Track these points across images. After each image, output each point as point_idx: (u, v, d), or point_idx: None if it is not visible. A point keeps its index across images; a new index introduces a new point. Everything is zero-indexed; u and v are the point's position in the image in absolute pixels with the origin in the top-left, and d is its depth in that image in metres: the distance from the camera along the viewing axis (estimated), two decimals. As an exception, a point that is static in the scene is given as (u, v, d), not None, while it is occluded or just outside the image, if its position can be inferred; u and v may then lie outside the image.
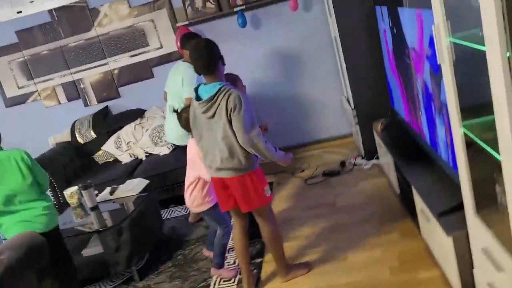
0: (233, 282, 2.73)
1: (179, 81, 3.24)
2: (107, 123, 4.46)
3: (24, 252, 1.86)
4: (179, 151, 4.04)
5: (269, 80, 4.38)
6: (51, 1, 4.36)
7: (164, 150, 4.16)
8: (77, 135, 4.45)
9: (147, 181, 3.40)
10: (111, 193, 3.34)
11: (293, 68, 4.34)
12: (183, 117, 2.57)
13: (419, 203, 2.36)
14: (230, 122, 2.21)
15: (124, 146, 4.30)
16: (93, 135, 4.42)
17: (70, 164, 4.26)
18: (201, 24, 4.28)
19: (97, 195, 3.29)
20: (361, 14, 3.39)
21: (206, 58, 2.25)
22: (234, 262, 2.89)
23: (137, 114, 4.44)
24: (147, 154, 4.24)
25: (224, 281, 2.76)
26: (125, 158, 4.28)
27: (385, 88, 3.34)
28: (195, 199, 2.68)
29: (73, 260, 2.67)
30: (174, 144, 3.78)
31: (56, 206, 3.76)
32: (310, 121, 4.47)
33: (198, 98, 2.31)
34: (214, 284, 2.77)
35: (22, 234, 2.01)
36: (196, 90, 2.34)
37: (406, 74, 2.62)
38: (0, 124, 4.75)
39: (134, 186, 3.32)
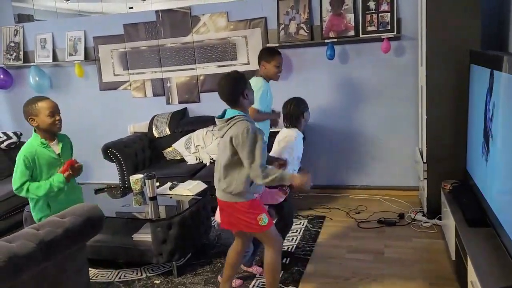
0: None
1: None
2: (182, 124, 4.70)
3: (83, 220, 2.03)
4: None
5: (344, 114, 4.38)
6: (160, 2, 4.75)
7: (228, 160, 4.29)
8: (153, 129, 4.74)
9: (205, 185, 3.53)
10: (171, 188, 3.50)
11: (371, 108, 4.30)
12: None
13: (472, 275, 2.22)
14: (232, 149, 2.33)
15: (193, 148, 4.49)
16: (168, 131, 4.67)
17: (141, 153, 4.54)
18: (290, 49, 4.41)
19: (158, 187, 3.46)
20: (453, 69, 3.31)
21: (227, 91, 2.41)
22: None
23: (211, 121, 4.57)
24: (212, 161, 4.40)
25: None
26: (190, 159, 4.47)
27: (463, 148, 3.20)
28: None
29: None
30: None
31: (121, 189, 4.01)
32: (377, 165, 4.39)
33: (221, 116, 2.46)
34: (245, 300, 2.79)
35: (86, 205, 2.18)
36: (224, 112, 2.47)
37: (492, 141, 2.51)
38: (92, 104, 5.20)
39: (192, 187, 3.45)
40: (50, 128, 2.62)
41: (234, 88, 2.39)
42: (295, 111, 2.91)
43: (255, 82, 3.19)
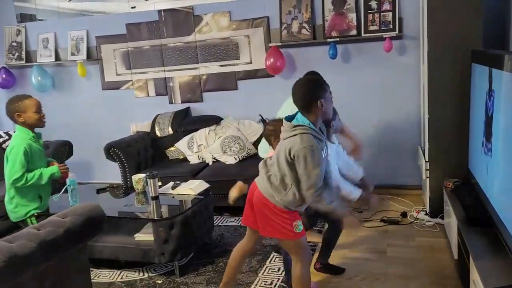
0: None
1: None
2: (185, 123, 4.70)
3: (84, 220, 2.03)
4: (244, 164, 4.16)
5: (346, 113, 4.31)
6: (162, 2, 4.75)
7: (230, 160, 4.30)
8: (156, 128, 4.74)
9: (207, 185, 3.53)
10: (173, 188, 3.51)
11: (373, 107, 4.29)
12: (266, 128, 2.55)
13: (474, 274, 2.22)
14: (287, 161, 2.15)
15: (195, 147, 4.50)
16: (170, 131, 4.68)
17: (143, 153, 4.55)
18: (292, 48, 4.40)
19: (160, 186, 3.47)
20: (455, 68, 3.29)
21: (304, 95, 2.19)
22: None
23: (213, 120, 4.63)
24: (214, 160, 4.40)
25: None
26: (193, 159, 4.47)
27: (465, 147, 3.19)
28: None
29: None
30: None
31: (123, 188, 4.02)
32: (379, 164, 4.37)
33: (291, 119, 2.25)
34: (247, 299, 2.79)
35: (87, 204, 2.19)
36: (296, 113, 2.26)
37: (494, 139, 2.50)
38: (95, 103, 5.22)
39: (194, 187, 3.45)
40: (37, 123, 2.82)
41: (309, 93, 2.17)
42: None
43: None
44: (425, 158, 3.61)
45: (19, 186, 2.77)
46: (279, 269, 3.07)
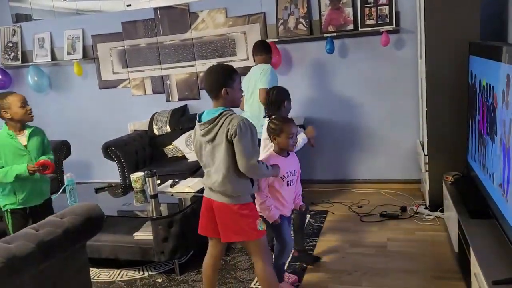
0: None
1: (258, 73, 3.55)
2: (183, 121, 4.69)
3: (83, 220, 2.02)
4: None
5: (344, 108, 4.36)
6: (158, 0, 4.73)
7: (229, 157, 4.28)
8: (154, 126, 4.73)
9: (206, 182, 3.51)
10: (172, 186, 3.50)
11: (371, 101, 4.28)
12: (269, 125, 2.57)
13: (475, 267, 2.21)
14: (230, 146, 2.19)
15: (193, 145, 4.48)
16: (168, 129, 4.66)
17: (141, 151, 4.54)
18: (289, 44, 4.39)
19: (159, 185, 3.46)
20: (453, 61, 3.28)
21: (210, 82, 2.30)
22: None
23: (211, 117, 4.61)
24: (213, 157, 4.38)
25: (257, 296, 2.77)
26: (191, 157, 4.46)
27: (464, 140, 3.18)
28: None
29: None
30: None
31: (122, 187, 4.01)
32: (378, 158, 4.37)
33: (199, 120, 2.32)
34: (248, 296, 2.79)
35: (86, 204, 2.17)
36: (200, 114, 2.35)
37: (492, 131, 2.49)
38: (92, 102, 5.20)
39: (193, 185, 3.44)
40: (24, 118, 2.80)
41: (217, 78, 2.28)
42: (276, 100, 2.80)
43: (266, 66, 3.55)
44: (424, 152, 3.60)
45: None
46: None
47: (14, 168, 2.75)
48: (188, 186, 3.42)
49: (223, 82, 2.27)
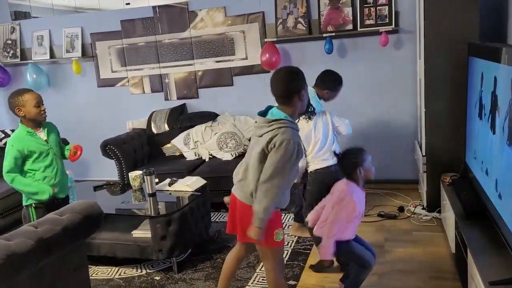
0: (264, 298, 2.73)
1: None
2: (181, 120, 4.69)
3: (82, 218, 2.02)
4: (241, 160, 4.14)
5: (342, 108, 4.33)
6: (157, -2, 4.73)
7: (227, 156, 4.29)
8: (152, 125, 4.73)
9: (204, 181, 3.52)
10: (170, 184, 3.50)
11: (369, 101, 4.29)
12: None
13: (472, 268, 2.22)
14: (264, 154, 2.06)
15: (192, 144, 4.48)
16: (166, 127, 4.66)
17: (140, 150, 4.53)
18: (288, 43, 4.39)
19: (157, 183, 3.46)
20: (452, 62, 3.29)
21: (284, 87, 2.10)
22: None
23: (210, 116, 4.62)
24: (211, 156, 4.39)
25: (255, 294, 2.77)
26: (189, 155, 4.46)
27: (462, 141, 3.20)
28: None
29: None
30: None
31: (120, 185, 4.01)
32: (376, 158, 4.34)
33: (263, 114, 2.17)
34: (245, 295, 2.79)
35: (85, 202, 2.18)
36: (268, 108, 2.19)
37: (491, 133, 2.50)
38: (90, 101, 5.19)
39: (191, 183, 3.44)
40: (37, 117, 2.78)
41: (291, 84, 2.08)
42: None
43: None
44: (422, 153, 3.61)
45: (7, 182, 2.74)
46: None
47: (44, 189, 2.75)
48: (186, 185, 3.43)
49: (300, 85, 2.08)
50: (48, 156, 2.79)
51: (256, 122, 2.17)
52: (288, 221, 3.73)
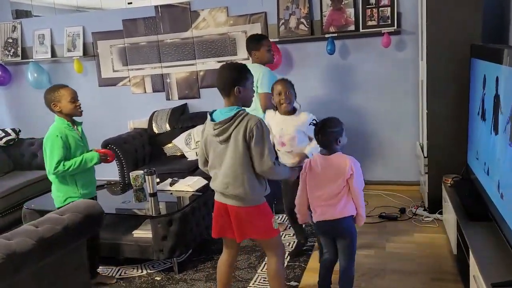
0: (265, 299, 2.72)
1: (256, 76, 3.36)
2: (182, 120, 4.68)
3: (82, 217, 2.02)
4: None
5: (344, 109, 4.36)
6: (159, -2, 4.73)
7: (228, 156, 4.28)
8: (153, 125, 4.72)
9: (205, 181, 3.51)
10: (171, 184, 3.49)
11: (371, 103, 4.29)
12: None
13: (474, 269, 2.22)
14: (246, 147, 2.16)
15: (193, 144, 4.48)
16: (168, 127, 4.66)
17: (141, 150, 4.53)
18: (290, 44, 4.38)
19: (158, 183, 3.45)
20: (454, 63, 3.28)
21: (223, 80, 2.24)
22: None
23: (211, 116, 4.60)
24: (212, 156, 4.38)
25: (256, 295, 2.77)
26: (191, 155, 4.45)
27: (464, 142, 3.19)
28: None
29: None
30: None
31: (121, 185, 4.00)
32: (378, 160, 4.37)
33: (212, 120, 2.27)
34: (246, 296, 2.79)
35: (85, 201, 2.18)
36: (211, 113, 2.30)
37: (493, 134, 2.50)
38: (91, 100, 5.18)
39: (192, 183, 3.44)
40: (73, 112, 2.85)
41: (231, 76, 2.22)
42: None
43: (255, 68, 3.11)
44: (423, 154, 3.61)
45: (60, 173, 2.74)
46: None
47: (88, 156, 2.79)
48: (187, 185, 3.42)
49: (236, 80, 2.22)
50: (82, 153, 2.83)
51: (214, 130, 2.22)
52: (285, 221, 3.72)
